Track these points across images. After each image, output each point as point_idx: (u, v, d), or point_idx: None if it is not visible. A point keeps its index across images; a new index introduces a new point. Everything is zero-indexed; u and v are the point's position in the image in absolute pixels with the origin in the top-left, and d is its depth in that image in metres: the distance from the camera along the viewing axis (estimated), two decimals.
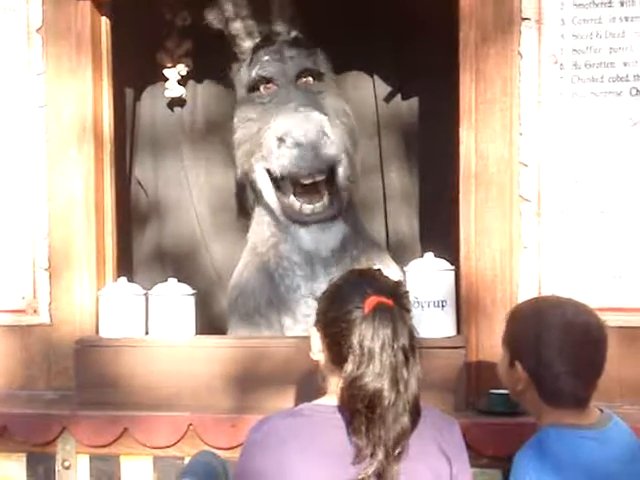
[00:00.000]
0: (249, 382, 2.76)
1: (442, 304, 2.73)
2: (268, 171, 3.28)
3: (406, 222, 3.74)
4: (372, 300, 1.77)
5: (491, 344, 2.69)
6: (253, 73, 3.36)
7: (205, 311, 3.41)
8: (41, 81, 3.05)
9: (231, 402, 2.77)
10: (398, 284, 1.88)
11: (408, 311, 1.84)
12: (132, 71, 3.57)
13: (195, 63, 3.72)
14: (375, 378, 1.72)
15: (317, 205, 3.24)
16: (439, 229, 3.29)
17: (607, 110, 2.72)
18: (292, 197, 3.25)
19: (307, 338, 1.91)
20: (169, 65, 3.70)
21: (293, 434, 1.79)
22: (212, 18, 3.33)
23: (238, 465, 1.86)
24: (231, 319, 3.44)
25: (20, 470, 2.80)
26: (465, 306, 2.78)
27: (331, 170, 3.25)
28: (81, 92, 3.03)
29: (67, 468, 2.75)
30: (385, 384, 1.72)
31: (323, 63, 3.42)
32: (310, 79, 3.37)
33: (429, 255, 2.82)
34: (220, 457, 2.34)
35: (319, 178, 3.19)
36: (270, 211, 3.38)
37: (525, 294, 2.69)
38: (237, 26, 3.33)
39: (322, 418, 1.80)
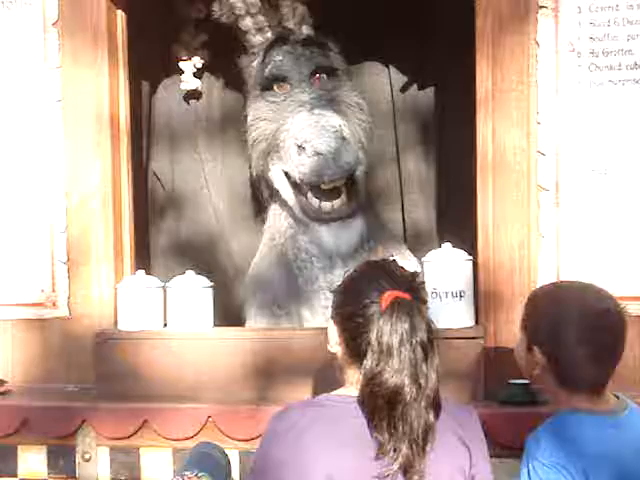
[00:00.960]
0: (268, 374, 2.76)
1: (460, 294, 2.73)
2: (286, 173, 3.29)
3: (424, 212, 3.73)
4: (389, 295, 1.76)
5: (509, 334, 2.68)
6: (266, 72, 3.34)
7: (223, 303, 3.40)
8: (57, 75, 3.05)
9: (250, 394, 2.77)
10: (414, 275, 1.87)
11: (425, 303, 1.83)
12: (148, 64, 3.58)
13: (210, 55, 3.72)
14: (395, 374, 1.72)
15: (336, 202, 3.23)
16: (457, 219, 3.28)
17: (625, 98, 2.70)
18: (310, 195, 3.25)
19: (325, 330, 1.91)
20: (184, 58, 3.70)
21: (313, 424, 1.79)
22: (220, 14, 3.32)
23: (257, 455, 1.86)
24: (249, 310, 3.44)
25: (41, 463, 2.82)
26: (483, 296, 2.78)
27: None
28: (97, 86, 3.04)
29: (87, 460, 2.77)
30: (405, 380, 1.72)
31: (336, 58, 3.40)
32: (324, 76, 3.35)
33: (447, 245, 2.81)
34: (221, 447, 2.35)
35: (339, 184, 3.19)
36: (288, 208, 3.38)
37: (544, 283, 2.67)
38: (247, 23, 3.32)
39: (341, 409, 1.80)
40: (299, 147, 3.16)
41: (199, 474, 2.11)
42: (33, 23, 3.07)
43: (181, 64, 3.71)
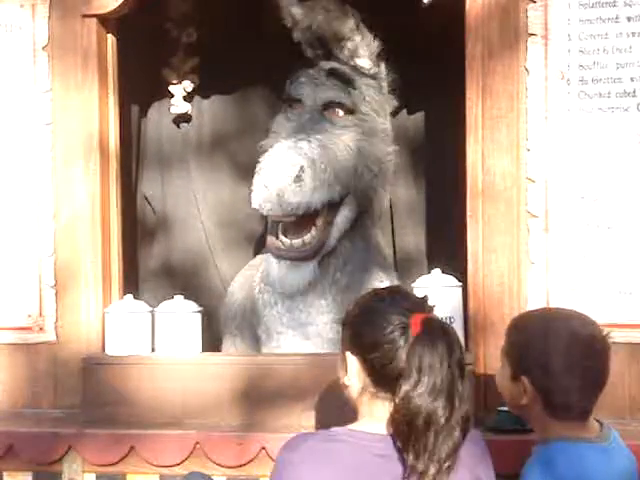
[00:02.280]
0: (256, 400, 2.74)
1: (450, 320, 2.72)
2: None
3: (413, 238, 3.72)
4: (417, 317, 1.74)
5: (499, 361, 2.67)
6: (289, 90, 3.30)
7: (213, 328, 3.40)
8: (47, 98, 3.04)
9: (238, 420, 2.76)
10: (425, 298, 1.85)
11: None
12: (138, 87, 3.58)
13: (201, 79, 3.72)
14: (432, 396, 1.69)
15: (295, 241, 3.12)
16: (447, 245, 3.28)
17: (614, 126, 2.71)
18: (279, 226, 3.16)
19: (315, 355, 1.90)
20: (175, 81, 3.71)
21: (329, 459, 1.75)
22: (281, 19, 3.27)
23: None
24: (223, 333, 3.44)
25: None
26: (473, 322, 2.77)
27: (333, 205, 3.15)
28: (87, 109, 3.03)
29: None
30: (441, 401, 1.69)
31: (361, 96, 3.25)
32: (339, 111, 3.24)
33: (436, 271, 2.81)
34: (211, 477, 2.33)
35: (287, 219, 3.09)
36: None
37: (524, 311, 2.68)
38: (297, 35, 3.27)
39: (360, 445, 1.76)
40: (257, 174, 3.10)
41: None
42: (23, 46, 3.06)
43: (171, 88, 3.71)
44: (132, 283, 3.46)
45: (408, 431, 1.70)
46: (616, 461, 1.92)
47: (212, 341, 3.19)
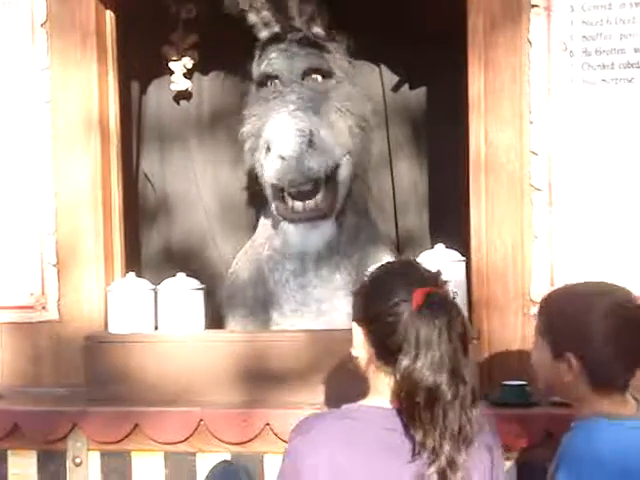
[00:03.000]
0: (259, 376, 2.74)
1: (453, 295, 2.70)
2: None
3: (416, 213, 3.70)
4: (421, 291, 1.72)
5: (503, 335, 2.67)
6: (261, 69, 3.33)
7: (214, 306, 3.39)
8: (46, 76, 3.03)
9: (242, 397, 2.76)
10: (438, 273, 1.82)
11: (454, 298, 1.80)
12: (137, 65, 3.55)
13: (201, 56, 3.70)
14: (434, 370, 1.67)
15: (308, 203, 3.19)
16: (450, 220, 3.27)
17: (618, 97, 2.69)
18: (286, 193, 3.21)
19: (318, 332, 1.89)
20: (174, 58, 3.67)
21: (343, 437, 1.73)
22: (229, 7, 3.28)
23: (284, 466, 1.79)
24: (226, 311, 3.43)
25: (31, 467, 2.79)
26: (476, 297, 2.76)
27: (329, 171, 3.21)
28: (87, 86, 3.02)
29: (78, 465, 2.74)
30: (444, 376, 1.67)
31: (335, 59, 3.33)
32: (318, 77, 3.30)
33: (440, 246, 2.80)
34: (242, 466, 2.31)
35: (305, 188, 3.16)
36: (268, 206, 3.37)
37: (537, 284, 2.67)
38: (252, 17, 3.29)
39: (371, 421, 1.74)
40: (267, 149, 3.14)
41: None
42: (21, 24, 3.04)
43: (171, 65, 3.68)
44: (134, 261, 3.45)
45: (411, 407, 1.69)
46: None
47: (214, 319, 3.18)
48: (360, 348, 1.81)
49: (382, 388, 1.76)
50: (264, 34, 3.32)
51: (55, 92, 3.03)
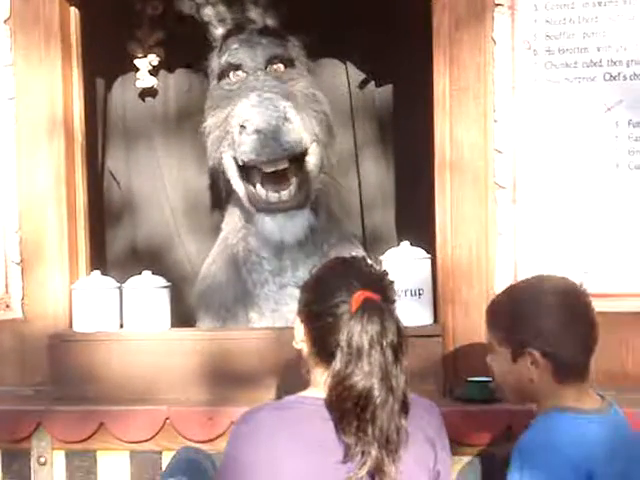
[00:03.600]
0: (225, 374, 2.74)
1: (419, 292, 2.73)
2: (234, 159, 3.25)
3: (382, 212, 3.72)
4: (359, 295, 1.75)
5: (468, 332, 2.69)
6: (222, 60, 3.33)
7: (180, 304, 3.38)
8: (10, 73, 3.00)
9: (208, 395, 2.75)
10: (384, 274, 1.86)
11: (394, 302, 1.83)
12: (102, 61, 3.53)
13: (167, 53, 3.69)
14: (364, 377, 1.70)
15: (283, 193, 3.20)
16: (415, 218, 3.28)
17: (581, 96, 2.72)
18: (258, 185, 3.22)
19: (283, 329, 1.90)
20: (140, 55, 3.66)
21: (282, 427, 1.77)
22: (183, 4, 3.28)
23: (225, 457, 1.83)
24: (198, 312, 3.42)
25: None
26: (442, 294, 2.78)
27: (299, 158, 3.21)
28: (51, 83, 2.99)
29: (43, 464, 2.72)
30: (375, 383, 1.70)
31: (295, 50, 3.38)
32: (281, 66, 3.32)
33: (405, 244, 2.81)
34: (203, 451, 2.32)
35: (282, 166, 3.15)
36: (239, 200, 3.35)
37: (501, 281, 2.69)
38: (208, 12, 3.29)
39: (309, 411, 1.78)
40: (241, 127, 3.13)
41: None
42: None
43: (136, 62, 3.67)
44: (99, 259, 3.43)
45: (342, 412, 1.73)
46: (615, 432, 1.93)
47: (180, 317, 3.17)
48: (301, 342, 1.85)
49: (320, 381, 1.80)
50: (219, 31, 3.32)
51: (19, 89, 3.00)
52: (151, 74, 3.71)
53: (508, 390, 2.06)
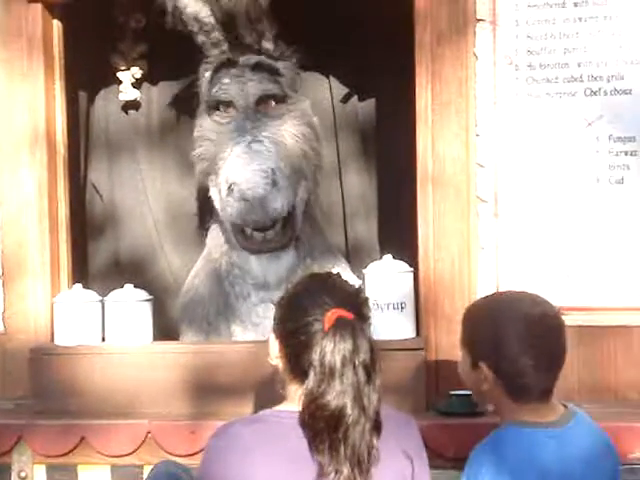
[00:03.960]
0: (207, 388, 2.73)
1: (401, 306, 2.73)
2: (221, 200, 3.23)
3: (365, 225, 3.73)
4: (332, 314, 1.75)
5: (450, 345, 2.68)
6: (212, 93, 3.28)
7: (162, 318, 3.37)
8: None
9: (190, 408, 2.74)
10: (358, 291, 1.86)
11: (367, 319, 1.83)
12: (85, 74, 3.53)
13: (150, 66, 3.68)
14: (337, 396, 1.70)
15: (268, 233, 3.18)
16: (398, 231, 3.29)
17: (562, 111, 2.74)
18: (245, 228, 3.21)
19: (266, 343, 1.90)
20: (123, 68, 3.67)
21: (257, 441, 1.77)
22: (173, 25, 3.24)
23: (200, 471, 1.83)
24: (181, 325, 3.41)
25: None
26: (424, 307, 2.78)
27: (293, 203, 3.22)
28: (33, 96, 2.99)
29: (23, 479, 2.71)
30: (348, 402, 1.70)
31: (288, 81, 3.31)
32: (272, 102, 3.28)
33: (388, 257, 2.82)
34: (182, 465, 2.32)
35: (268, 230, 3.16)
36: (223, 227, 3.35)
37: (483, 294, 2.69)
38: (202, 38, 3.25)
39: (285, 425, 1.78)
40: (228, 188, 3.12)
41: None
42: None
43: (119, 74, 3.67)
44: (81, 273, 3.42)
45: (314, 431, 1.72)
46: (570, 447, 1.91)
47: (162, 330, 3.16)
48: (276, 358, 1.85)
49: (295, 396, 1.80)
50: (214, 52, 3.28)
51: (1, 101, 2.99)
52: (134, 87, 3.71)
53: (471, 390, 2.08)
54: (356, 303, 1.81)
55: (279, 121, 3.26)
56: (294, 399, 1.80)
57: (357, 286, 1.89)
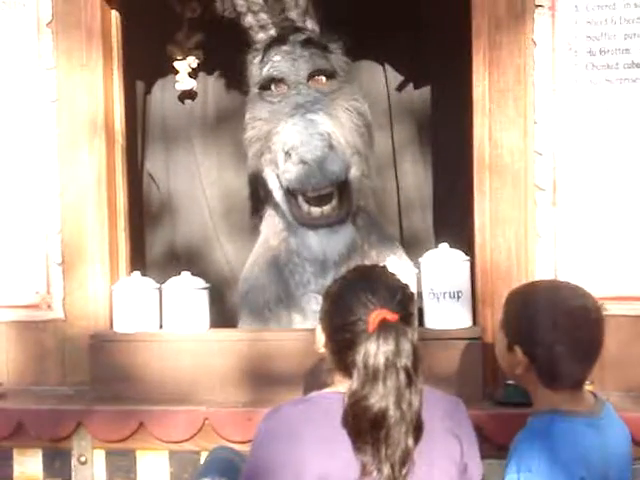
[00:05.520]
0: (264, 375, 2.75)
1: (458, 295, 2.72)
2: (277, 176, 3.26)
3: (420, 213, 3.71)
4: (377, 315, 1.77)
5: None
6: (264, 72, 3.31)
7: (218, 306, 3.39)
8: (52, 76, 3.03)
9: (246, 395, 2.76)
10: (403, 288, 1.87)
11: (412, 316, 1.85)
12: (142, 64, 3.56)
13: (206, 55, 3.70)
14: (380, 398, 1.73)
15: (325, 208, 3.19)
16: (454, 220, 3.27)
17: (622, 97, 2.70)
18: (300, 199, 3.21)
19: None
20: (179, 58, 3.69)
21: (305, 420, 1.80)
22: (222, 10, 3.28)
23: (251, 455, 1.87)
24: (241, 313, 3.42)
25: (36, 466, 2.80)
26: (480, 296, 2.77)
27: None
28: (92, 86, 3.02)
29: (83, 463, 2.75)
30: (390, 405, 1.73)
31: (338, 60, 3.34)
32: (322, 78, 3.30)
33: (444, 246, 2.80)
34: (238, 451, 2.34)
35: (325, 192, 3.15)
36: (280, 211, 3.36)
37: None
38: (250, 20, 3.28)
39: (332, 404, 1.80)
40: (286, 153, 3.14)
41: None
42: (27, 23, 3.05)
43: (176, 64, 3.69)
44: (139, 260, 3.45)
45: (357, 431, 1.75)
46: (607, 435, 1.92)
47: (218, 319, 3.18)
48: (323, 347, 1.89)
49: (339, 383, 1.85)
50: (261, 36, 3.30)
51: (61, 91, 3.03)
52: (190, 76, 3.73)
53: (505, 371, 2.07)
54: (401, 300, 1.83)
55: (331, 96, 3.28)
56: (340, 382, 1.84)
57: (402, 281, 1.89)
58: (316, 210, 3.19)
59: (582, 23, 2.71)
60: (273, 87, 3.32)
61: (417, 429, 1.76)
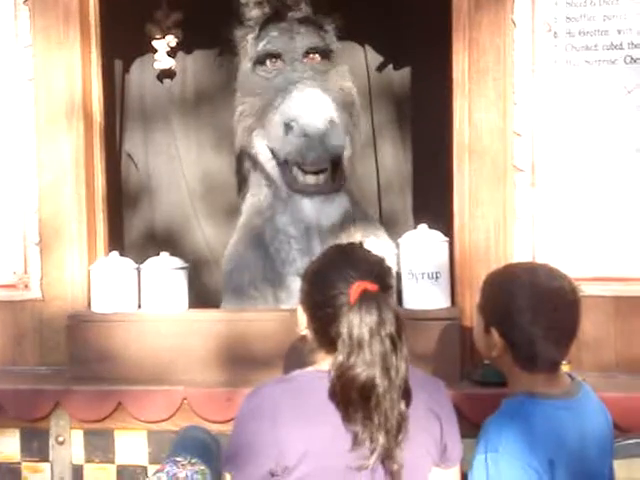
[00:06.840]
0: (243, 355, 2.75)
1: (436, 276, 2.72)
2: (271, 150, 3.25)
3: (399, 194, 3.72)
4: (357, 287, 1.78)
5: None
6: (260, 47, 3.29)
7: (197, 286, 3.38)
8: (29, 54, 3.01)
9: (225, 376, 2.76)
10: (381, 262, 1.89)
11: (391, 288, 1.87)
12: (121, 43, 3.53)
13: (184, 34, 3.68)
14: (366, 368, 1.74)
15: (321, 177, 3.18)
16: (433, 201, 3.27)
17: (601, 78, 2.70)
18: (295, 169, 3.20)
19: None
20: (158, 36, 3.66)
21: (287, 398, 1.81)
22: None
23: (233, 434, 1.87)
24: (225, 292, 3.42)
25: (14, 446, 2.80)
26: (459, 277, 2.77)
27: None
28: (69, 65, 2.99)
29: (61, 443, 2.75)
30: (377, 372, 1.74)
31: (331, 40, 3.34)
32: (317, 56, 3.30)
33: (423, 227, 2.81)
34: (208, 430, 2.34)
35: (323, 166, 3.16)
36: (271, 182, 3.34)
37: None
38: None
39: (314, 382, 1.82)
40: (286, 125, 3.13)
41: (192, 460, 2.09)
42: (4, 1, 3.01)
43: (155, 43, 3.67)
44: (117, 240, 3.44)
45: (346, 402, 1.76)
46: (583, 417, 1.93)
47: (197, 299, 3.17)
48: (305, 329, 1.90)
49: (323, 361, 1.86)
50: (255, 12, 3.29)
51: (38, 70, 3.00)
52: (169, 55, 3.70)
53: (482, 353, 2.08)
54: (380, 273, 1.85)
55: (325, 75, 3.29)
56: (323, 359, 1.85)
57: (380, 256, 1.90)
58: (311, 178, 3.18)
59: (562, 4, 2.71)
60: (268, 63, 3.30)
61: (406, 394, 1.78)
